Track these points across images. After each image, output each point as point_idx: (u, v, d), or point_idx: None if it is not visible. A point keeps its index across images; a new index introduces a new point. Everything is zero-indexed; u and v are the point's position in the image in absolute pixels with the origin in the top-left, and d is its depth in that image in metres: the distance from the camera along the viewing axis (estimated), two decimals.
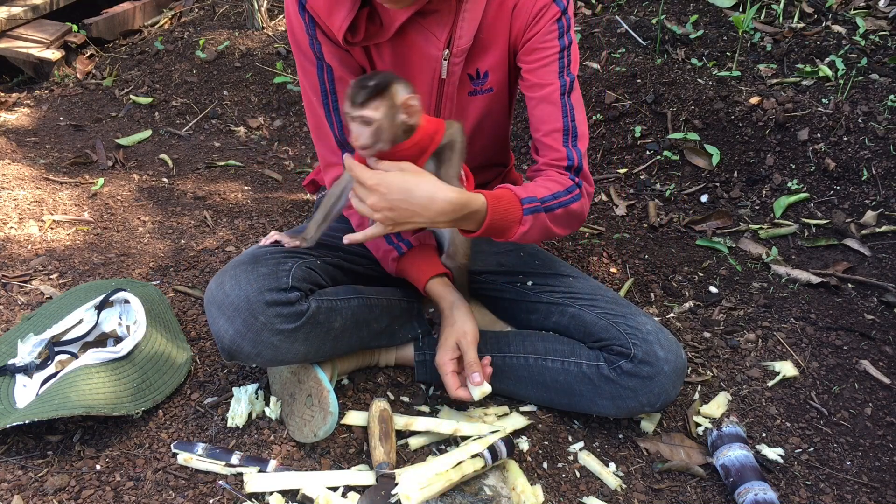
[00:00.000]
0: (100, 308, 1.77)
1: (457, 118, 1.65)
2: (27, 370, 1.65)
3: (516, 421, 1.67)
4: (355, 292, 1.61)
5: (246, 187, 2.81)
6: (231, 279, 1.47)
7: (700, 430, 1.73)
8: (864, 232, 2.45)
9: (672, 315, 2.11)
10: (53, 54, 3.88)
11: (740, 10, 3.29)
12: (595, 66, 3.17)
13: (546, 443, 1.66)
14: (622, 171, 2.86)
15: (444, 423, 1.62)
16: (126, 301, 1.80)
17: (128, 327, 1.76)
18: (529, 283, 1.79)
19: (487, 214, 1.44)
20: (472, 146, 1.63)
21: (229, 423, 1.60)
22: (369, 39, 1.55)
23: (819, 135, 2.71)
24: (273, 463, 1.49)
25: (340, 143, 1.65)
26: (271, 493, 1.44)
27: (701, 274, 2.31)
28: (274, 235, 1.66)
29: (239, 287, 1.45)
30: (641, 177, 2.83)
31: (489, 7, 1.56)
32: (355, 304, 1.59)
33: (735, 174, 2.73)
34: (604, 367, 1.61)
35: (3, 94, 3.77)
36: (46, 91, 3.82)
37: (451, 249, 1.68)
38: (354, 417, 1.63)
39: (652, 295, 2.21)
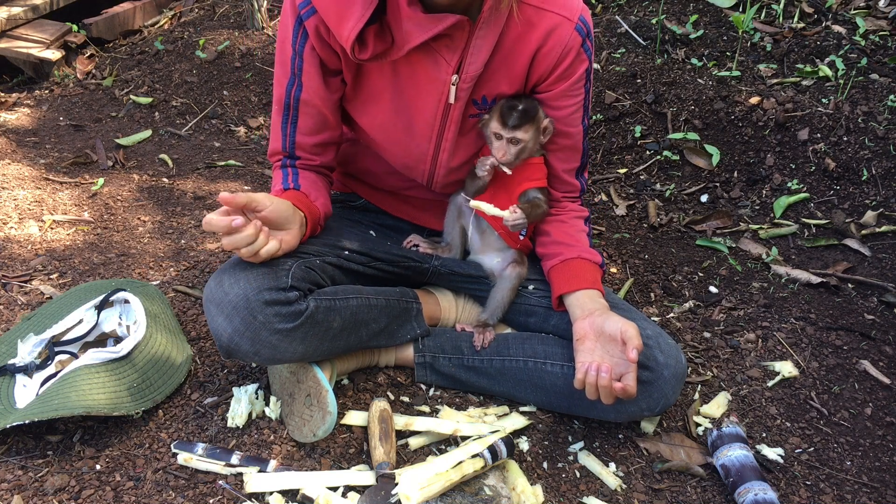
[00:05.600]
0: (100, 308, 1.77)
1: (458, 138, 1.68)
2: (27, 370, 1.65)
3: (516, 421, 1.67)
4: (354, 292, 1.61)
5: (246, 187, 2.81)
6: (230, 277, 1.47)
7: (700, 430, 1.73)
8: (864, 232, 2.45)
9: (672, 315, 2.11)
10: (53, 54, 3.88)
11: (740, 10, 3.29)
12: (595, 66, 3.17)
13: (546, 443, 1.66)
14: (622, 171, 2.86)
15: (444, 423, 1.62)
16: (126, 301, 1.80)
17: (128, 327, 1.76)
18: (530, 287, 1.79)
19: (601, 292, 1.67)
20: (468, 163, 1.74)
21: (229, 423, 1.60)
22: (377, 57, 1.54)
23: (819, 135, 2.71)
24: (273, 463, 1.49)
25: (284, 151, 1.72)
26: (271, 493, 1.44)
27: (701, 274, 2.31)
28: (414, 239, 1.83)
29: (238, 286, 1.45)
30: (641, 177, 2.83)
31: (504, 39, 1.56)
32: (354, 304, 1.59)
33: (735, 174, 2.73)
34: None
35: (3, 94, 3.77)
36: (46, 91, 3.82)
37: (491, 308, 1.78)
38: (354, 417, 1.63)
39: (652, 295, 2.21)
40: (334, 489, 1.46)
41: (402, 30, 1.50)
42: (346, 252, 1.68)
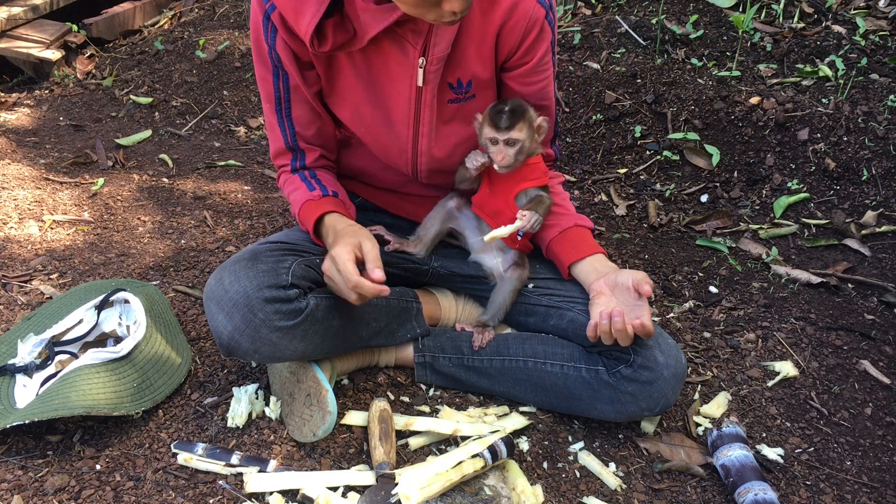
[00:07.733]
0: (100, 308, 1.77)
1: (438, 124, 1.67)
2: (27, 370, 1.65)
3: (516, 421, 1.67)
4: None
5: (246, 187, 2.81)
6: (230, 275, 1.47)
7: (700, 430, 1.73)
8: (864, 232, 2.45)
9: (672, 315, 2.11)
10: (53, 54, 3.88)
11: (740, 10, 3.29)
12: (595, 66, 3.17)
13: (546, 443, 1.66)
14: (622, 171, 2.86)
15: (444, 423, 1.62)
16: (126, 301, 1.80)
17: (128, 327, 1.76)
18: (530, 285, 1.79)
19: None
20: (452, 153, 1.72)
21: (229, 423, 1.60)
22: (340, 48, 1.54)
23: (819, 135, 2.71)
24: (273, 463, 1.50)
25: (289, 147, 1.71)
26: (271, 493, 1.44)
27: (701, 274, 2.31)
28: (379, 229, 1.78)
29: (238, 283, 1.45)
30: (641, 177, 2.83)
31: (470, 19, 1.55)
32: None
33: (735, 174, 2.73)
34: (603, 373, 1.61)
35: (3, 94, 3.77)
36: (46, 91, 3.82)
37: (493, 310, 1.78)
38: (354, 417, 1.63)
39: (652, 295, 2.20)
40: (334, 489, 1.46)
41: (360, 20, 1.50)
42: None
